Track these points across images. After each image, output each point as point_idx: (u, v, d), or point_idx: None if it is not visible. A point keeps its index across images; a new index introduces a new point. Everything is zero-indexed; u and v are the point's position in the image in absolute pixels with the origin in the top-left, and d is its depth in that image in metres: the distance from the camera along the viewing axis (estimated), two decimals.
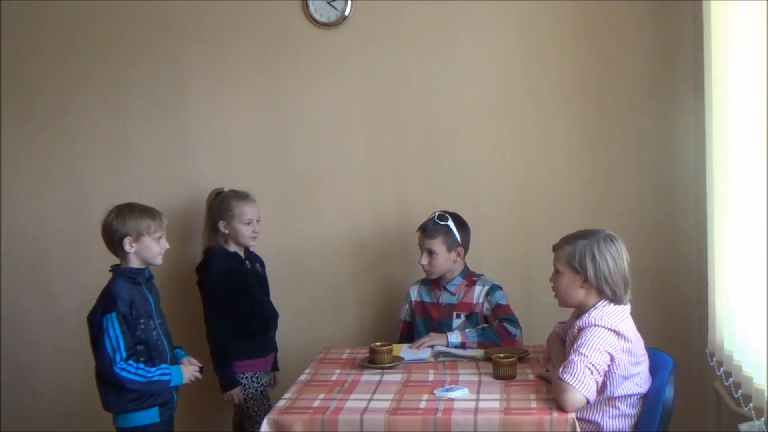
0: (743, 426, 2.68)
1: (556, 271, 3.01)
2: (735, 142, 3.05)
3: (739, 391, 2.91)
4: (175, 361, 3.23)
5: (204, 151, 4.19)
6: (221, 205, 3.77)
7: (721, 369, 3.19)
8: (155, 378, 3.02)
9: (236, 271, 3.75)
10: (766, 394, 2.61)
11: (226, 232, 3.76)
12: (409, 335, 3.84)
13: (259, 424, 3.67)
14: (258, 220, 3.79)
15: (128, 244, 3.08)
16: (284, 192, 4.17)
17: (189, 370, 3.18)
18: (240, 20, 4.10)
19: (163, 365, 3.08)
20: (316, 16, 4.06)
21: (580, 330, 2.86)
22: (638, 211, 4.01)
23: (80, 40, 4.16)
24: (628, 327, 2.88)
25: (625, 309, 2.92)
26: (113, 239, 3.09)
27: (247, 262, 3.83)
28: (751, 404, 2.75)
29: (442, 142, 4.10)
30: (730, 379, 3.04)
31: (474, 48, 4.06)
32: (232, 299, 3.71)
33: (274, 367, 3.99)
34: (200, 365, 3.27)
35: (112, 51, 4.16)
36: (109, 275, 3.11)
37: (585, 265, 2.88)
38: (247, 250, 3.88)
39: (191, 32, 4.13)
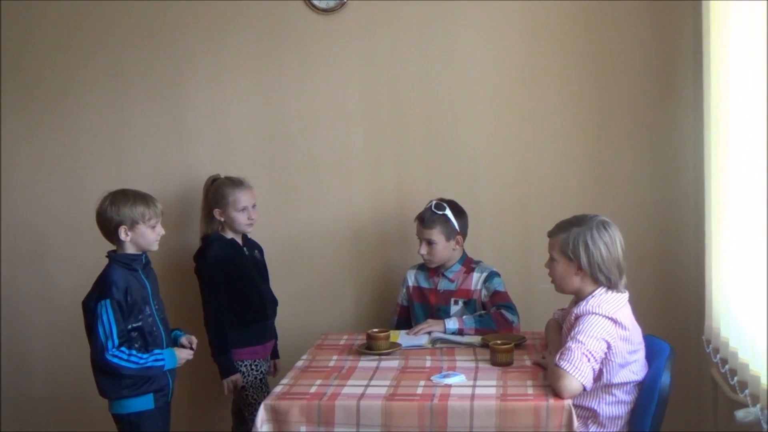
0: (739, 412, 2.69)
1: (552, 258, 3.01)
2: (733, 131, 3.05)
3: (735, 378, 2.92)
4: (173, 343, 3.24)
5: (202, 137, 4.18)
6: (216, 192, 3.76)
7: (718, 356, 3.20)
8: (148, 364, 3.02)
9: (234, 259, 3.75)
10: (762, 381, 2.61)
11: (222, 219, 3.76)
12: (406, 319, 3.86)
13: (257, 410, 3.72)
14: (254, 206, 3.78)
15: (123, 233, 3.07)
16: (283, 179, 4.17)
17: (183, 353, 3.18)
18: (239, 6, 4.09)
19: (156, 350, 3.08)
20: (316, 2, 4.04)
21: (578, 318, 2.86)
22: (636, 199, 4.01)
23: (78, 27, 4.15)
24: (626, 315, 2.88)
25: (623, 297, 2.92)
26: (108, 228, 3.09)
27: (245, 249, 3.83)
28: (747, 391, 2.76)
29: (441, 129, 4.10)
30: (727, 366, 3.05)
31: (474, 35, 4.05)
32: (229, 286, 3.71)
33: (274, 355, 3.99)
34: (195, 341, 3.28)
35: (110, 38, 4.14)
36: (107, 261, 3.11)
37: (578, 253, 2.88)
38: (245, 236, 3.88)
39: (189, 18, 4.12)
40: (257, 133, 4.17)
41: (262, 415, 2.70)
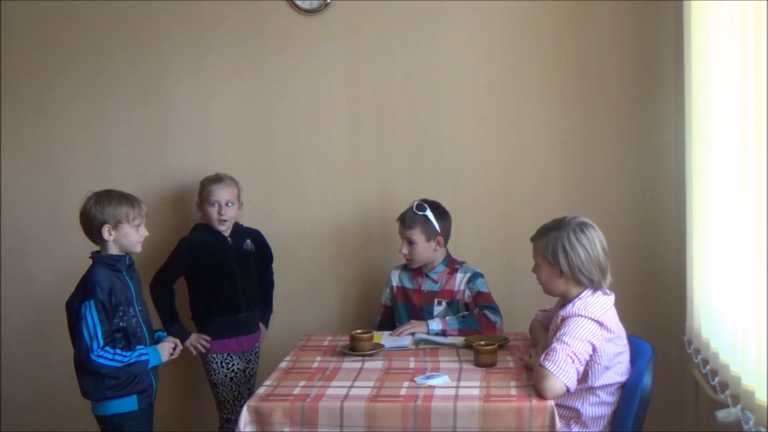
0: (720, 413, 2.70)
1: (536, 263, 3.02)
2: (714, 134, 3.07)
3: (716, 379, 2.93)
4: (156, 344, 3.22)
5: (185, 137, 4.17)
6: (200, 185, 3.85)
7: (699, 356, 3.22)
8: (133, 360, 3.01)
9: (209, 247, 3.81)
10: (742, 382, 2.63)
11: (200, 213, 3.86)
12: (389, 319, 3.86)
13: (227, 409, 3.75)
14: (228, 204, 3.79)
15: (107, 232, 3.06)
16: (266, 178, 4.16)
17: (166, 347, 3.17)
18: (222, 6, 4.08)
19: (139, 346, 3.07)
20: (299, 2, 4.04)
21: (564, 319, 2.87)
22: (619, 198, 4.03)
23: (59, 26, 4.12)
24: (611, 318, 2.89)
25: (609, 300, 2.93)
26: (91, 227, 3.07)
27: (230, 240, 3.85)
28: (727, 391, 2.77)
29: (424, 129, 4.10)
30: (708, 367, 3.06)
31: (457, 36, 4.06)
32: (199, 274, 3.79)
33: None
34: (179, 342, 3.28)
35: (93, 37, 4.12)
36: (89, 262, 3.10)
37: (558, 258, 2.90)
38: (237, 227, 3.90)
39: (172, 17, 4.10)
40: (240, 133, 4.16)
41: (245, 416, 2.69)
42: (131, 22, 4.11)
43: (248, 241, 3.93)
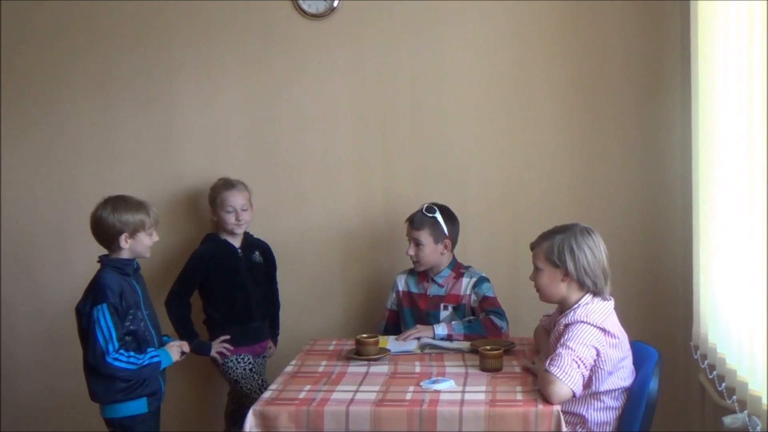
0: (727, 418, 2.70)
1: (536, 269, 3.02)
2: (720, 138, 3.06)
3: (723, 384, 2.92)
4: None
5: (191, 141, 4.17)
6: (211, 193, 3.86)
7: (706, 362, 3.21)
8: (146, 362, 3.02)
9: (221, 259, 3.81)
10: (749, 388, 2.62)
11: (215, 219, 3.85)
12: (394, 324, 3.86)
13: (256, 399, 3.76)
14: (244, 209, 3.81)
15: (124, 240, 3.07)
16: (272, 183, 4.16)
17: (175, 348, 3.19)
18: (228, 11, 4.08)
19: (149, 348, 3.08)
20: (305, 7, 4.05)
21: (567, 326, 2.87)
22: (625, 205, 4.02)
23: (67, 30, 4.13)
24: (614, 323, 2.89)
25: (609, 305, 2.93)
26: (107, 234, 3.08)
27: (240, 251, 3.86)
28: (734, 397, 2.76)
29: (430, 134, 4.10)
30: (714, 372, 3.06)
31: (462, 41, 4.06)
32: (212, 285, 3.81)
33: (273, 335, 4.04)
34: (186, 345, 3.29)
35: (100, 41, 4.13)
36: (97, 266, 3.10)
37: (564, 258, 2.90)
38: (247, 238, 3.92)
39: (179, 22, 4.11)
40: (246, 137, 4.16)
41: (250, 420, 2.69)
42: (137, 27, 4.12)
43: (257, 253, 3.95)
